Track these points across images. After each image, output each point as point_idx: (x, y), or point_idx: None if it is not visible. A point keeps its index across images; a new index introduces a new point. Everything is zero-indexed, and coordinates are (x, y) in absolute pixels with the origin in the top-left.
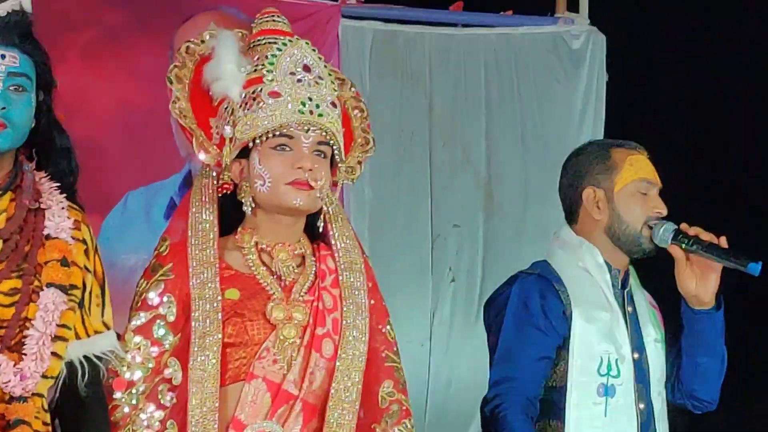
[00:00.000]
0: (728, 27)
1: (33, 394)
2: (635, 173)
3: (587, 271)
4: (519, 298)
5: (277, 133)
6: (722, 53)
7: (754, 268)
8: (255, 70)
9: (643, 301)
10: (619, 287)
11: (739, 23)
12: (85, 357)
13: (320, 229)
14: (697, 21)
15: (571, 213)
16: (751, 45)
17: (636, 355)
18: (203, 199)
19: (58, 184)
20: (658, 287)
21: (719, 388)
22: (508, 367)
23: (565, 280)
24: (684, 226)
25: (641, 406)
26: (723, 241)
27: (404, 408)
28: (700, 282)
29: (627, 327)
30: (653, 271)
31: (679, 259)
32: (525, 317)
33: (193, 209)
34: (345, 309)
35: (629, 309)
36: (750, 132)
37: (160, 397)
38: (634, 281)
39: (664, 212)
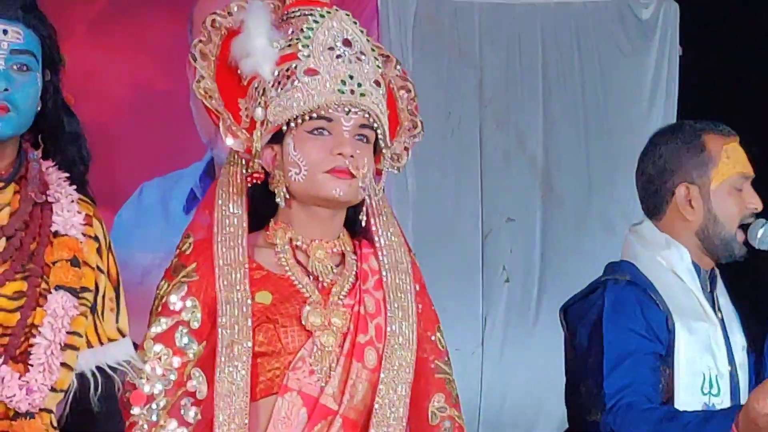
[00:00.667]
0: None
1: (40, 410)
2: (733, 167)
3: (677, 275)
4: (615, 308)
5: (314, 115)
6: None
7: None
8: (289, 45)
9: (729, 304)
10: (708, 291)
11: None
12: (98, 368)
13: (362, 224)
14: None
15: (655, 208)
16: None
17: (729, 368)
18: (231, 190)
19: (67, 175)
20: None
21: None
22: (620, 375)
23: (658, 287)
24: None
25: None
26: None
27: (457, 425)
28: None
29: (723, 332)
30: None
31: None
32: (627, 326)
33: (220, 202)
34: (389, 314)
35: (719, 315)
36: None
37: (182, 412)
38: (720, 283)
39: (760, 207)
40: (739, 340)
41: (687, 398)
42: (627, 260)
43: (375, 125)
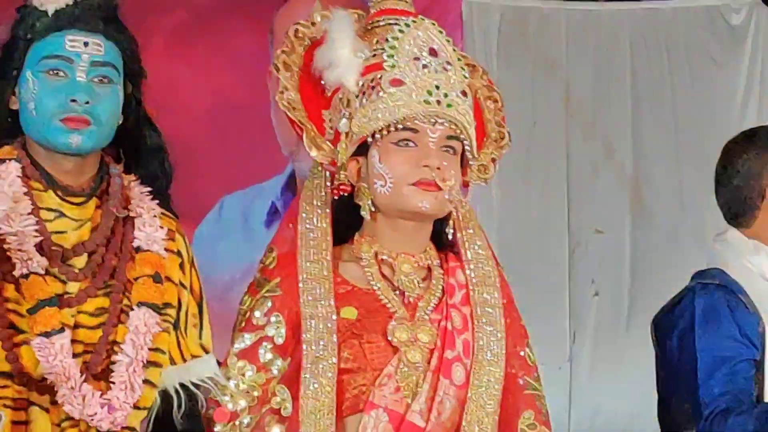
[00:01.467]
0: None
1: (123, 428)
2: None
3: (760, 272)
4: (705, 311)
5: (400, 126)
6: None
7: None
8: (374, 55)
9: None
10: None
11: None
12: (182, 385)
13: (449, 237)
14: None
15: (743, 215)
16: None
17: None
18: (315, 203)
19: (149, 189)
20: None
21: None
22: (716, 381)
23: (748, 291)
24: None
25: None
26: None
27: None
28: None
29: None
30: None
31: None
32: (721, 331)
33: (303, 215)
34: (477, 329)
35: None
36: None
37: (267, 430)
38: None
39: None
40: None
41: None
42: (717, 267)
43: (462, 136)
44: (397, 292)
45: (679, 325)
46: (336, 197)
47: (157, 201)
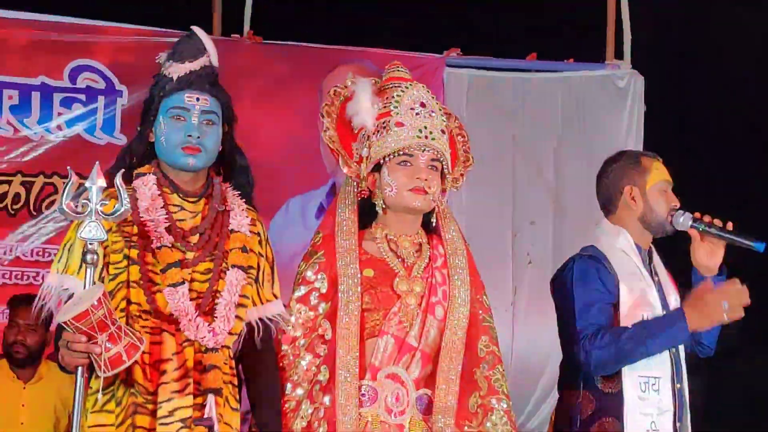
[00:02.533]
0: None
1: (222, 346)
2: (660, 175)
3: (624, 252)
4: (579, 272)
5: (401, 152)
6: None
7: (759, 246)
8: (384, 107)
9: (665, 271)
10: (647, 262)
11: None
12: (260, 319)
13: (433, 224)
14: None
15: (609, 208)
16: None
17: (663, 311)
18: (346, 202)
19: (239, 193)
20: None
21: (717, 336)
22: (587, 316)
23: (611, 259)
24: (698, 214)
25: (673, 350)
26: (730, 226)
27: (497, 356)
28: (709, 256)
29: (659, 294)
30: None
31: (695, 239)
32: (588, 284)
33: (339, 210)
34: (452, 283)
35: (656, 279)
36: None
37: (315, 348)
38: (656, 257)
39: (678, 204)
40: (673, 295)
41: None
42: (592, 245)
43: (441, 159)
44: (400, 259)
45: (565, 283)
46: (360, 198)
47: (244, 200)
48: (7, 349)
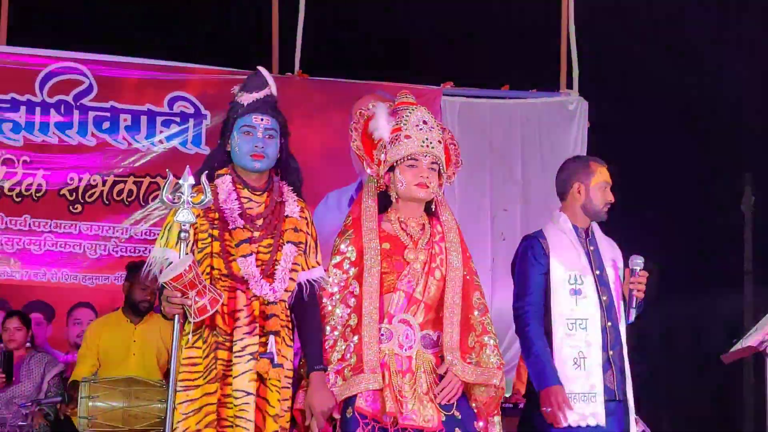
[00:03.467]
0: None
1: (279, 300)
2: (601, 177)
3: (563, 231)
4: (523, 250)
5: (409, 158)
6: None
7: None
8: (396, 124)
9: (605, 241)
10: (584, 237)
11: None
12: (307, 280)
13: (433, 210)
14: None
15: (563, 195)
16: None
17: (597, 272)
18: (369, 194)
19: (291, 188)
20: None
21: (639, 309)
22: (523, 288)
23: (550, 237)
24: (644, 273)
25: (604, 298)
26: (641, 296)
27: (486, 307)
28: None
29: (588, 257)
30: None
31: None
32: (524, 260)
33: (364, 200)
34: (448, 253)
35: (591, 248)
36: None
37: (347, 301)
38: (597, 232)
39: (612, 200)
40: (609, 258)
41: (561, 290)
42: (541, 228)
43: (438, 162)
44: (408, 235)
45: (514, 262)
46: (379, 191)
47: (295, 193)
48: (132, 303)
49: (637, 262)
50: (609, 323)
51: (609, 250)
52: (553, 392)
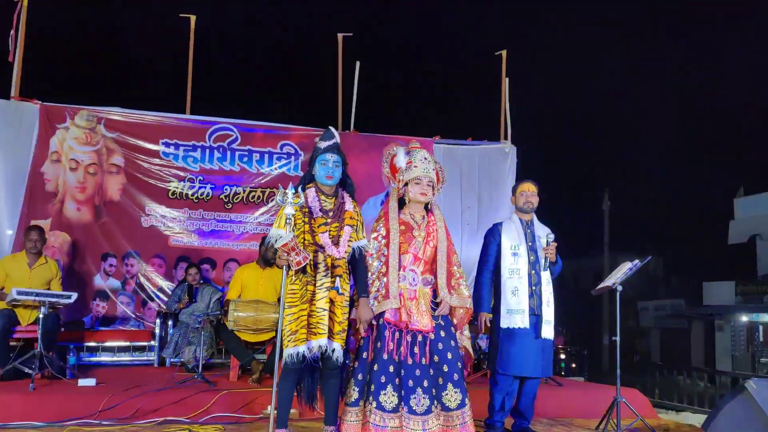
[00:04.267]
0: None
1: (342, 258)
2: (523, 188)
3: (512, 221)
4: (487, 233)
5: (416, 179)
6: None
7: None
8: (409, 159)
9: (540, 227)
10: (525, 224)
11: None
12: (358, 247)
13: (429, 208)
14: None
15: (513, 201)
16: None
17: (530, 243)
18: (393, 198)
19: (348, 194)
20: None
21: (557, 269)
22: (484, 255)
23: (503, 226)
24: (554, 244)
25: (532, 258)
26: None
27: (459, 263)
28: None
29: (525, 237)
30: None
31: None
32: (487, 238)
33: (390, 202)
34: (438, 232)
35: (528, 230)
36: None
37: (380, 259)
38: (536, 221)
39: (529, 201)
40: (541, 237)
41: (506, 254)
42: (502, 221)
43: (433, 181)
44: (415, 222)
45: (485, 236)
46: (399, 197)
47: (351, 198)
48: (263, 258)
49: (549, 236)
50: (533, 271)
51: (541, 230)
52: (482, 315)
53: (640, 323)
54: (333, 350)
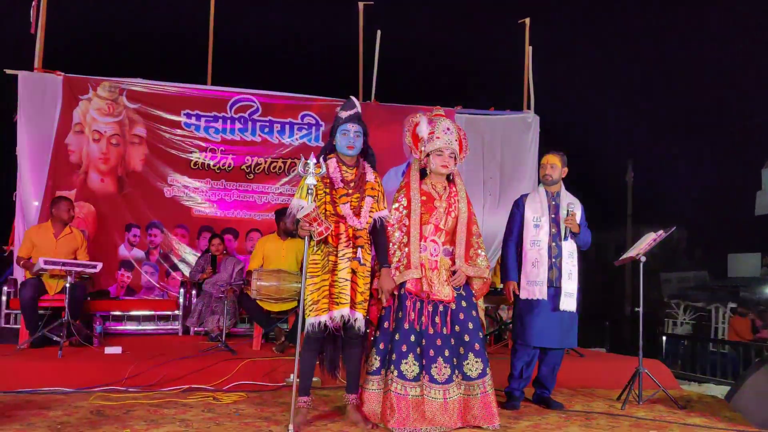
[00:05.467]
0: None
1: (363, 228)
2: (546, 160)
3: (537, 193)
4: (515, 203)
5: (438, 150)
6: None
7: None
8: (431, 129)
9: (567, 198)
10: (550, 195)
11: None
12: (379, 217)
13: (451, 178)
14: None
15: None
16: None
17: (552, 216)
18: (414, 168)
19: (370, 165)
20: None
21: (586, 241)
22: (509, 226)
23: (528, 197)
24: (575, 215)
25: (553, 230)
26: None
27: (480, 234)
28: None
29: (548, 209)
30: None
31: (566, 217)
32: (512, 212)
33: (411, 172)
34: (460, 202)
35: (552, 202)
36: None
37: (401, 229)
38: (563, 192)
39: (548, 173)
40: (565, 207)
41: (528, 225)
42: (529, 192)
43: (455, 152)
44: (437, 193)
45: (513, 205)
46: (421, 168)
47: (372, 168)
48: (284, 229)
49: (571, 206)
50: (554, 243)
51: (566, 201)
52: (508, 284)
53: (663, 295)
54: (355, 320)
